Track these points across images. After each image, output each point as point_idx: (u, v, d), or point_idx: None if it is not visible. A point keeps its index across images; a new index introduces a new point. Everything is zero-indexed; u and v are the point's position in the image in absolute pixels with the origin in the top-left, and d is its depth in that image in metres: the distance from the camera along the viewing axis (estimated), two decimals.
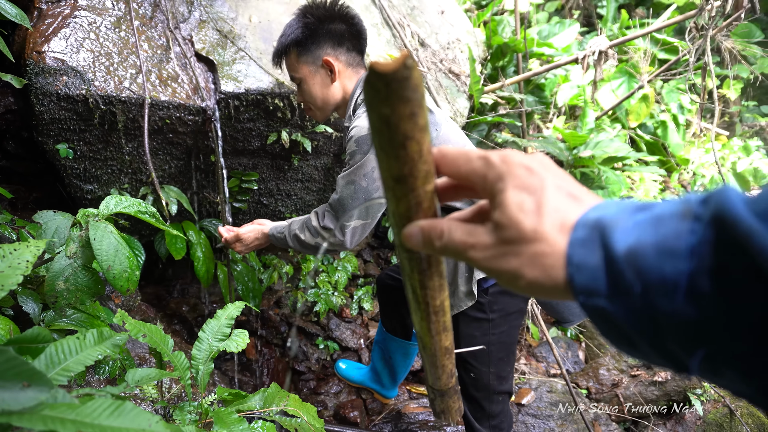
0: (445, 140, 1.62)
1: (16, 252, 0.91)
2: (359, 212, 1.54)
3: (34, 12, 2.03)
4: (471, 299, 1.67)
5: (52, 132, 1.92)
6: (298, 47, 1.63)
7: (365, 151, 1.48)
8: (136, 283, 1.30)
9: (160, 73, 2.12)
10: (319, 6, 1.65)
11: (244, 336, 1.12)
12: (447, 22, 3.90)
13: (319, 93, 1.67)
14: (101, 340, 0.97)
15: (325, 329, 2.83)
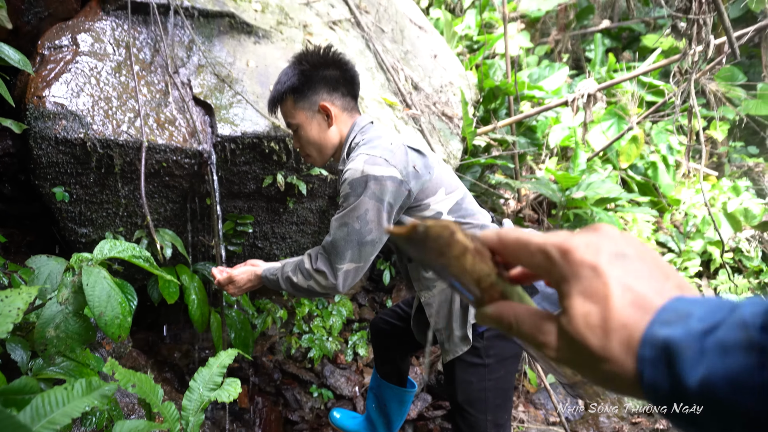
0: (438, 183, 1.63)
1: (8, 299, 0.90)
2: (352, 255, 1.54)
3: (37, 57, 2.08)
4: (466, 344, 1.66)
5: (49, 175, 1.93)
6: (295, 94, 1.66)
7: (359, 193, 1.49)
8: (127, 330, 1.28)
9: (158, 116, 2.15)
10: (313, 53, 1.69)
11: (236, 385, 1.10)
12: (440, 66, 4.00)
13: (317, 137, 1.70)
14: (89, 391, 0.94)
15: (319, 376, 2.77)
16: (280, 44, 2.85)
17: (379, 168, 1.49)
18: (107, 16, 2.37)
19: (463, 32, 6.19)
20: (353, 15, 3.56)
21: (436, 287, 1.71)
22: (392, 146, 1.56)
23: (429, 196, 1.61)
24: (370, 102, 2.96)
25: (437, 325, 1.73)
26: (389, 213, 1.53)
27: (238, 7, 2.82)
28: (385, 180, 1.48)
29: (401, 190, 1.52)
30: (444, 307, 1.69)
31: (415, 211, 1.61)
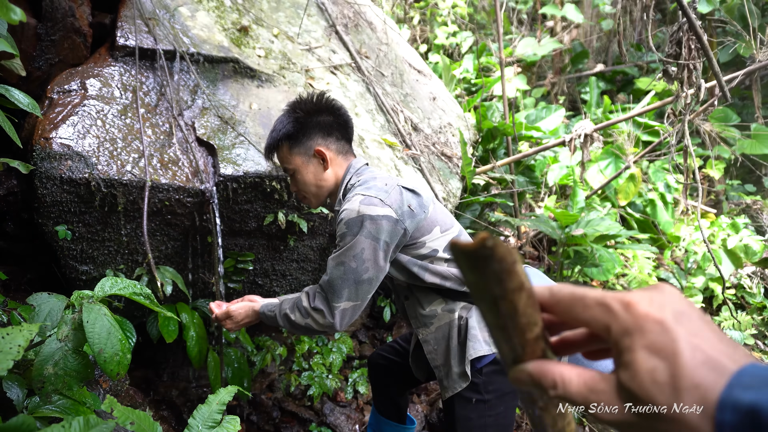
0: (433, 221, 1.66)
1: (9, 336, 0.91)
2: (349, 293, 1.55)
3: (46, 101, 2.14)
4: (465, 380, 1.64)
5: (52, 214, 1.95)
6: (290, 140, 1.71)
7: (355, 233, 1.52)
8: (126, 367, 1.28)
9: (162, 157, 2.19)
10: (306, 101, 1.74)
11: (236, 423, 1.09)
12: (439, 108, 4.10)
13: (313, 181, 1.74)
14: (87, 429, 0.94)
15: (318, 414, 2.72)
16: (282, 88, 2.94)
17: (375, 208, 1.52)
18: (116, 62, 2.46)
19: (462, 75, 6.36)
20: (354, 60, 3.67)
21: (433, 324, 1.71)
22: (387, 187, 1.60)
23: (424, 235, 1.64)
24: (370, 142, 3.02)
25: (435, 362, 1.72)
26: (385, 252, 1.55)
27: (242, 53, 2.91)
28: (380, 219, 1.52)
29: (397, 229, 1.55)
30: (441, 344, 1.69)
31: (411, 249, 1.64)
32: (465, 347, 1.64)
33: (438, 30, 7.25)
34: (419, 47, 7.16)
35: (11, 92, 1.84)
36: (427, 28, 7.65)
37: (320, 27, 3.76)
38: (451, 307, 1.68)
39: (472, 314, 1.66)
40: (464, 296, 1.68)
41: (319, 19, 3.85)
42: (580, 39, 6.98)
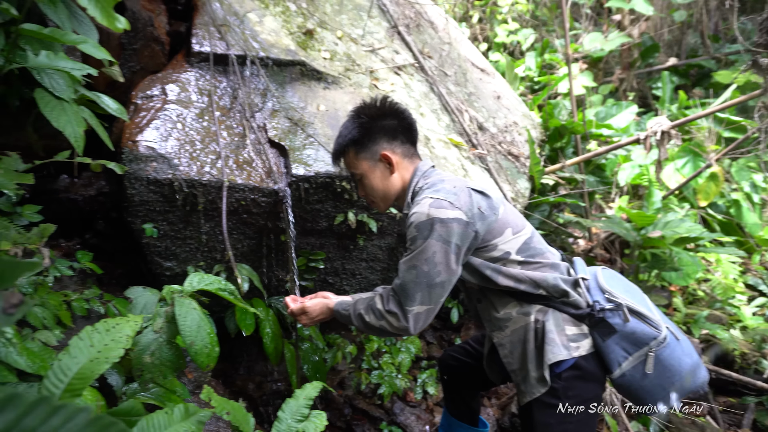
0: (504, 223, 1.61)
1: (118, 326, 0.95)
2: (422, 297, 1.53)
3: (131, 106, 2.25)
4: (543, 385, 1.59)
5: (140, 213, 2.05)
6: (356, 146, 1.71)
7: (425, 236, 1.49)
8: (215, 359, 1.32)
9: (237, 158, 2.26)
10: (370, 106, 1.74)
11: (322, 418, 1.10)
12: (503, 107, 4.02)
13: (380, 185, 1.73)
14: (187, 416, 0.97)
15: (389, 413, 2.73)
16: (348, 89, 2.96)
17: (444, 211, 1.50)
18: (192, 67, 2.56)
19: (524, 73, 6.22)
20: (417, 60, 3.66)
21: (508, 327, 1.66)
22: (456, 189, 1.57)
23: (496, 237, 1.60)
24: (436, 142, 2.99)
25: (511, 366, 1.68)
26: (457, 255, 1.53)
27: (309, 56, 2.96)
28: (450, 222, 1.49)
29: (467, 231, 1.52)
30: (517, 348, 1.64)
31: (483, 252, 1.60)
32: (542, 351, 1.59)
33: (498, 28, 7.13)
34: (479, 46, 7.07)
35: (102, 99, 1.95)
36: (487, 27, 7.54)
37: (382, 28, 3.77)
38: (526, 310, 1.63)
39: (549, 317, 1.61)
40: (539, 299, 1.62)
41: (381, 20, 3.87)
42: (649, 32, 6.66)
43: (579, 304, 1.62)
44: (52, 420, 0.58)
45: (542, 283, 1.59)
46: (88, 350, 0.84)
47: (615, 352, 1.58)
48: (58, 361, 0.80)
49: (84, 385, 0.79)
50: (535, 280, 1.59)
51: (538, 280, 1.59)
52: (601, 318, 1.58)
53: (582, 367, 1.59)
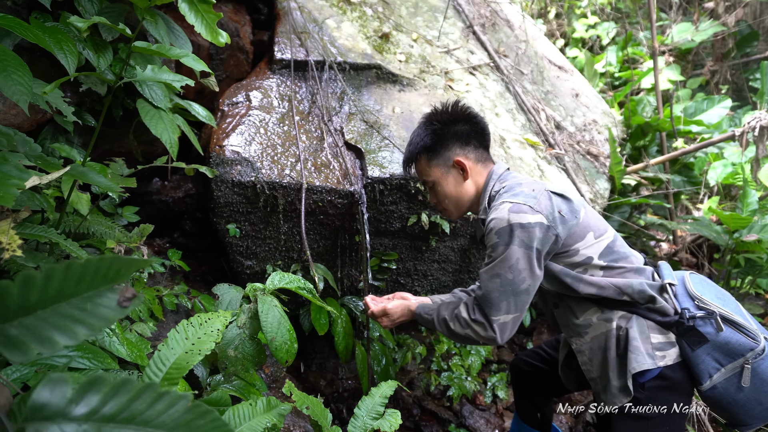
0: (585, 227, 1.56)
1: (210, 321, 1.02)
2: (508, 306, 1.50)
3: (218, 113, 2.39)
4: (626, 395, 1.52)
5: (224, 213, 2.18)
6: (428, 152, 1.70)
7: (507, 242, 1.46)
8: (293, 355, 1.38)
9: (315, 160, 2.34)
10: (442, 111, 1.72)
11: (397, 416, 1.12)
12: (582, 105, 3.88)
13: (454, 192, 1.71)
14: (269, 409, 1.03)
15: (458, 416, 2.72)
16: (423, 91, 2.98)
17: (525, 215, 1.46)
18: (273, 74, 2.67)
19: (604, 69, 5.95)
20: (492, 60, 3.62)
21: (588, 333, 1.60)
22: (535, 192, 1.53)
23: (577, 242, 1.54)
24: (512, 142, 2.95)
25: (591, 374, 1.62)
26: (539, 260, 1.49)
27: (384, 59, 3.01)
28: (532, 227, 1.45)
29: (548, 235, 1.48)
30: (597, 355, 1.58)
31: (564, 257, 1.55)
32: (626, 360, 1.52)
33: (576, 23, 6.87)
34: (556, 42, 6.85)
35: (193, 106, 2.08)
36: (564, 22, 7.28)
37: (457, 29, 3.75)
38: (607, 316, 1.57)
39: (633, 324, 1.53)
40: (622, 305, 1.56)
41: (456, 20, 3.85)
42: (747, 19, 6.17)
43: (666, 311, 1.54)
44: (157, 405, 0.64)
45: (626, 290, 1.53)
46: (184, 342, 0.91)
47: (705, 362, 1.49)
48: (158, 351, 0.87)
49: (180, 374, 0.86)
50: (619, 287, 1.53)
51: (623, 286, 1.53)
52: (691, 326, 1.50)
53: (668, 377, 1.51)
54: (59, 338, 0.62)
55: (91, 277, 0.64)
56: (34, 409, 0.58)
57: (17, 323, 0.62)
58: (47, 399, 0.59)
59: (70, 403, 0.60)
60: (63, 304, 0.63)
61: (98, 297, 0.64)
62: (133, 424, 0.62)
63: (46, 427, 0.58)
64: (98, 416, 0.60)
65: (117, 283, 0.65)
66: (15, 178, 0.97)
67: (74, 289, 0.63)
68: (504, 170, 1.71)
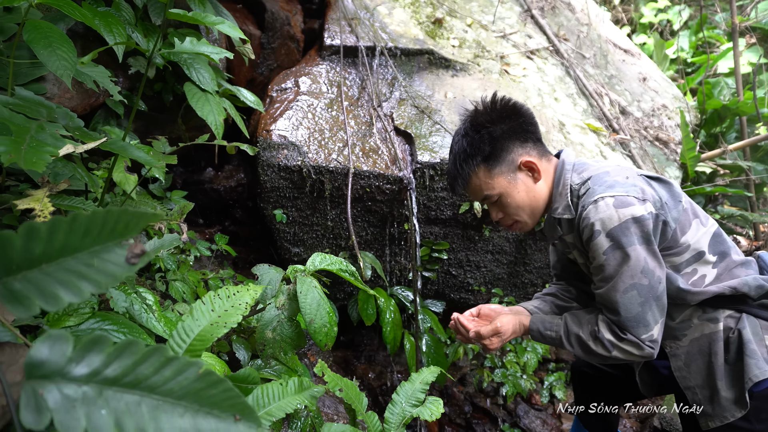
0: (690, 213, 1.35)
1: (238, 294, 0.98)
2: (653, 315, 1.27)
3: (266, 99, 2.38)
4: (741, 408, 1.30)
5: (271, 199, 2.16)
6: (487, 162, 1.40)
7: (627, 243, 1.23)
8: (333, 339, 1.32)
9: (363, 146, 2.28)
10: (488, 111, 1.43)
11: (439, 405, 1.03)
12: (650, 89, 3.62)
13: (526, 198, 1.43)
14: (301, 390, 0.97)
15: (512, 415, 2.58)
16: (477, 76, 2.86)
17: (635, 207, 1.24)
18: (323, 60, 2.64)
19: (675, 55, 5.57)
20: (552, 43, 3.44)
21: (686, 336, 1.39)
22: (630, 180, 1.31)
23: (684, 233, 1.32)
24: (572, 128, 2.78)
25: (687, 382, 1.40)
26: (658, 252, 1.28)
27: (437, 44, 2.91)
28: (646, 219, 1.24)
29: (659, 226, 1.27)
30: (698, 361, 1.37)
31: (673, 255, 1.32)
32: (741, 366, 1.31)
33: (644, 8, 6.48)
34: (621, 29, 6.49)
35: (241, 92, 2.07)
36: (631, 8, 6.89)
37: (514, 13, 3.60)
38: (711, 315, 1.35)
39: (745, 324, 1.31)
40: (730, 302, 1.33)
41: (513, 4, 3.70)
42: None
43: None
44: (164, 370, 0.59)
45: (742, 288, 1.30)
46: (209, 314, 0.87)
47: None
48: (182, 322, 0.83)
49: (203, 347, 0.81)
50: (733, 287, 1.30)
51: (738, 286, 1.30)
52: None
53: None
54: (64, 294, 0.58)
55: (98, 230, 0.59)
56: (31, 366, 0.54)
57: (21, 277, 0.58)
58: (46, 356, 0.55)
59: (70, 362, 0.56)
60: (68, 259, 0.59)
61: (105, 252, 0.60)
62: (137, 389, 0.57)
63: (43, 385, 0.54)
64: (100, 378, 0.56)
65: (125, 239, 0.60)
66: (49, 146, 0.96)
67: (80, 242, 0.59)
68: (575, 159, 1.47)
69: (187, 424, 0.58)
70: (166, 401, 0.58)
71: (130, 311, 1.14)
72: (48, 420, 0.51)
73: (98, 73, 1.51)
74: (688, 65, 5.58)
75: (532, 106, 2.79)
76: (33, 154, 0.91)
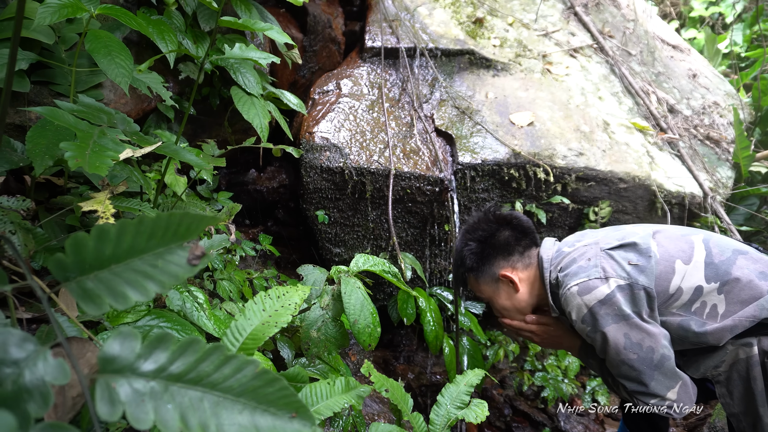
0: (667, 258, 1.32)
1: (287, 294, 1.00)
2: (661, 381, 1.29)
3: (309, 101, 2.42)
4: None
5: (313, 200, 2.19)
6: (473, 272, 1.54)
7: (600, 327, 1.28)
8: (376, 339, 1.33)
9: (404, 147, 2.29)
10: (475, 227, 1.55)
11: (484, 407, 1.03)
12: (700, 86, 3.50)
13: (510, 305, 1.55)
14: (348, 389, 0.98)
15: (552, 419, 2.54)
16: (518, 75, 2.83)
17: (598, 290, 1.28)
18: (364, 63, 2.66)
19: (727, 50, 5.35)
20: (596, 41, 3.37)
21: (724, 362, 1.35)
22: (592, 261, 1.34)
23: (670, 279, 1.31)
24: (616, 127, 2.71)
25: (731, 409, 1.37)
26: (648, 318, 1.28)
27: (478, 44, 2.90)
28: (612, 296, 1.27)
29: (635, 293, 1.28)
30: (738, 387, 1.34)
31: (672, 305, 1.31)
32: None
33: (694, 1, 6.25)
34: (669, 23, 6.27)
35: (285, 95, 2.12)
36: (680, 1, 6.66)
37: (557, 11, 3.54)
38: (745, 340, 1.31)
39: None
40: (759, 328, 1.29)
41: (556, 2, 3.63)
42: None
43: None
44: (224, 368, 0.61)
45: (761, 314, 1.26)
46: (261, 314, 0.90)
47: None
48: (235, 321, 0.86)
49: (255, 345, 0.84)
50: (750, 317, 1.26)
51: (756, 313, 1.26)
52: None
53: None
54: (131, 294, 0.61)
55: (162, 233, 0.62)
56: (104, 361, 0.58)
57: (93, 276, 0.61)
58: (117, 352, 0.58)
59: (138, 358, 0.59)
60: (135, 260, 0.62)
61: (169, 254, 0.63)
62: (199, 385, 0.60)
63: (115, 380, 0.57)
64: (165, 374, 0.59)
65: (187, 240, 0.63)
66: (111, 150, 1.00)
67: (146, 244, 0.62)
68: (553, 252, 1.50)
69: (246, 420, 0.60)
70: (226, 398, 0.60)
71: (182, 309, 1.19)
72: (121, 412, 0.54)
73: (151, 80, 1.57)
74: (741, 60, 5.36)
75: (575, 105, 2.74)
76: (96, 158, 0.96)
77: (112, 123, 1.16)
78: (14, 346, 0.56)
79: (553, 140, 2.38)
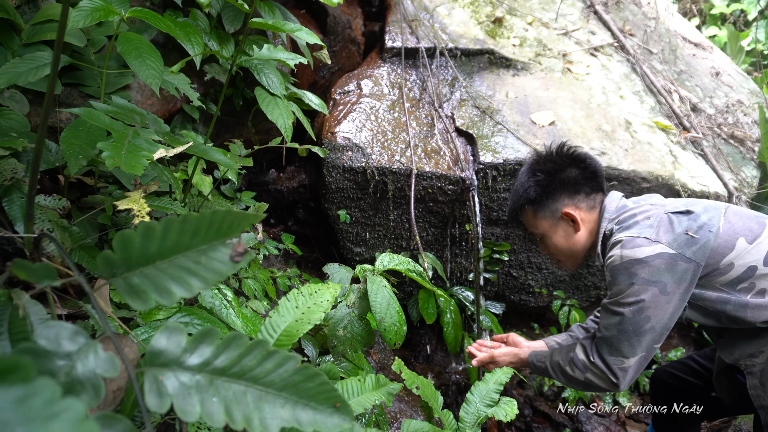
0: (730, 235, 1.29)
1: (319, 292, 1.01)
2: (630, 348, 1.30)
3: (330, 102, 2.43)
4: None
5: (335, 199, 2.21)
6: (533, 205, 1.52)
7: (627, 281, 1.28)
8: (402, 338, 1.34)
9: (425, 147, 2.29)
10: (546, 159, 1.52)
11: (513, 406, 1.03)
12: (723, 84, 3.45)
13: (565, 245, 1.53)
14: (378, 386, 0.99)
15: (573, 420, 2.52)
16: (538, 74, 2.82)
17: (641, 249, 1.27)
18: (384, 63, 2.67)
19: (750, 47, 5.27)
20: (616, 39, 3.34)
21: (763, 353, 1.32)
22: (651, 220, 1.33)
23: (726, 255, 1.28)
24: (638, 126, 2.69)
25: (761, 401, 1.34)
26: (672, 294, 1.27)
27: (497, 44, 2.89)
28: (652, 260, 1.25)
29: (678, 264, 1.26)
30: None
31: (716, 278, 1.29)
32: None
33: None
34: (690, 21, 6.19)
35: (306, 95, 2.13)
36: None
37: (577, 9, 3.51)
38: None
39: None
40: None
41: (575, 1, 3.61)
42: None
43: None
44: (266, 363, 0.63)
45: None
46: (294, 311, 0.91)
47: None
48: (269, 318, 0.88)
49: (289, 342, 0.85)
50: None
51: None
52: None
53: None
54: (176, 289, 0.63)
55: (206, 230, 0.64)
56: (152, 354, 0.59)
57: (139, 272, 0.63)
58: (164, 346, 0.60)
59: (184, 352, 0.60)
60: (180, 257, 0.63)
61: (212, 251, 0.64)
62: (243, 379, 0.61)
63: (162, 373, 0.58)
64: (210, 368, 0.60)
65: (229, 238, 0.64)
66: (145, 150, 1.03)
67: (189, 241, 0.63)
68: (617, 204, 1.49)
69: (288, 414, 0.61)
70: (268, 392, 0.61)
71: (212, 306, 1.21)
72: (169, 404, 0.56)
73: (179, 81, 1.60)
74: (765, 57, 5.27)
75: (596, 104, 2.72)
76: (132, 158, 0.98)
77: (144, 123, 1.18)
78: (66, 339, 0.57)
79: (574, 140, 2.37)
